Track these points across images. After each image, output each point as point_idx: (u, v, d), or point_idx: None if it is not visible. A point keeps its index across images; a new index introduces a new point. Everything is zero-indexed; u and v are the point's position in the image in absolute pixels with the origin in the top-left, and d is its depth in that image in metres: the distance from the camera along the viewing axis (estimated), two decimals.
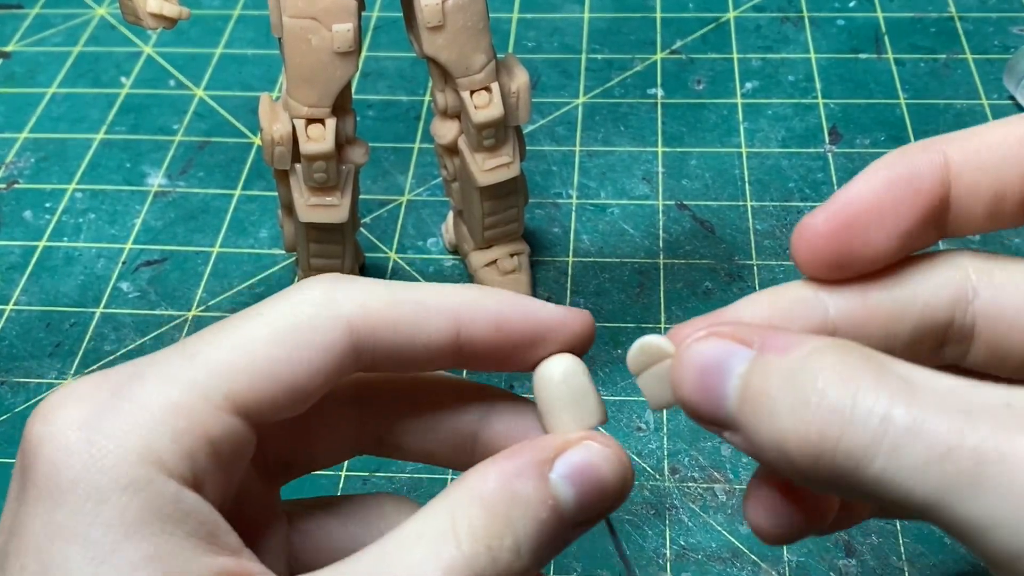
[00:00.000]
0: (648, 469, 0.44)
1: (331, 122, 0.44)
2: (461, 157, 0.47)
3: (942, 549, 0.40)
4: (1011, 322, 0.24)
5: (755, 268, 0.51)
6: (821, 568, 0.40)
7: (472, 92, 0.44)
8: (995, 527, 0.19)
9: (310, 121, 0.43)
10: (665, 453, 0.44)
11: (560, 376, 0.25)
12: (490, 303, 0.25)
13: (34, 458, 0.21)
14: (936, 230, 0.24)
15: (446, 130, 0.47)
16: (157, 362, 0.22)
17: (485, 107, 0.44)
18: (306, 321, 0.23)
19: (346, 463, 0.44)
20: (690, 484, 0.43)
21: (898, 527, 0.41)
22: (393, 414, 0.27)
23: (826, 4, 0.67)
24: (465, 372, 0.36)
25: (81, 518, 0.20)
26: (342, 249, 0.48)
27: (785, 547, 0.41)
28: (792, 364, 0.21)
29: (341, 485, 0.44)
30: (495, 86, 0.44)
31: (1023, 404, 0.19)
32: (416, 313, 0.24)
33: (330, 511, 0.28)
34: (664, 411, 0.45)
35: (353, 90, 0.45)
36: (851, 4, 0.67)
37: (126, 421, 0.21)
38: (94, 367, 0.49)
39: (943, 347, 0.25)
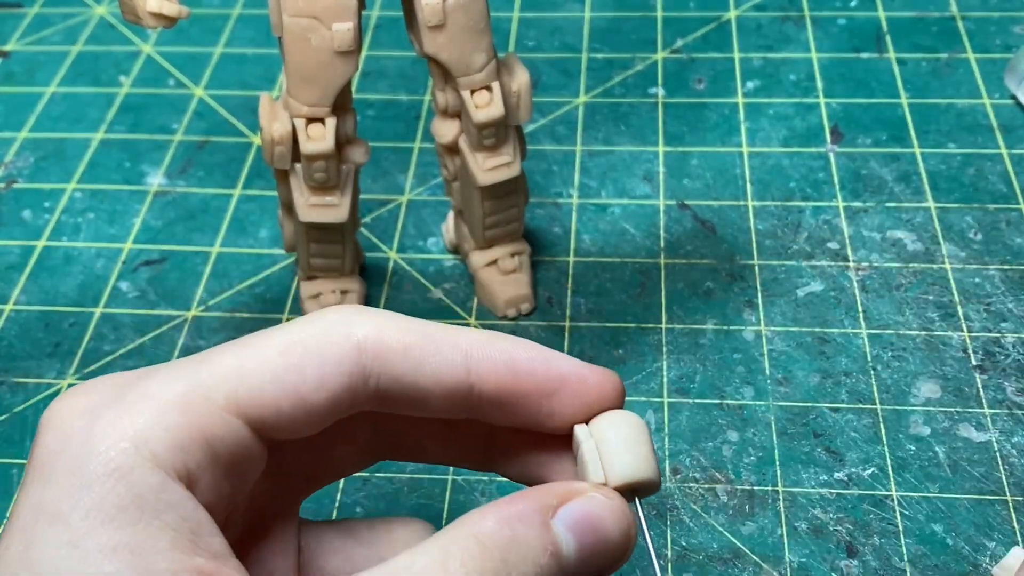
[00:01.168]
0: None
1: (331, 121, 0.43)
2: (461, 156, 0.47)
3: (944, 550, 0.40)
4: None
5: (756, 268, 0.51)
6: (822, 569, 0.40)
7: (473, 91, 0.44)
8: None
9: (310, 120, 0.43)
10: (667, 453, 0.44)
11: (584, 435, 0.25)
12: (503, 343, 0.24)
13: (36, 445, 0.21)
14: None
15: (446, 129, 0.47)
16: (171, 364, 0.23)
17: (486, 106, 0.44)
18: (317, 334, 0.23)
19: None
20: (691, 485, 0.43)
21: (900, 528, 0.41)
22: (406, 420, 0.27)
23: (827, 3, 0.67)
24: None
25: (65, 500, 0.20)
26: (342, 249, 0.48)
27: (787, 548, 0.41)
28: None
29: (341, 486, 0.44)
30: (496, 85, 0.44)
31: None
32: (427, 341, 0.24)
33: (342, 530, 0.27)
34: (665, 411, 0.45)
35: (353, 89, 0.45)
36: (852, 3, 0.67)
37: (125, 411, 0.21)
38: (93, 367, 0.49)
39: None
